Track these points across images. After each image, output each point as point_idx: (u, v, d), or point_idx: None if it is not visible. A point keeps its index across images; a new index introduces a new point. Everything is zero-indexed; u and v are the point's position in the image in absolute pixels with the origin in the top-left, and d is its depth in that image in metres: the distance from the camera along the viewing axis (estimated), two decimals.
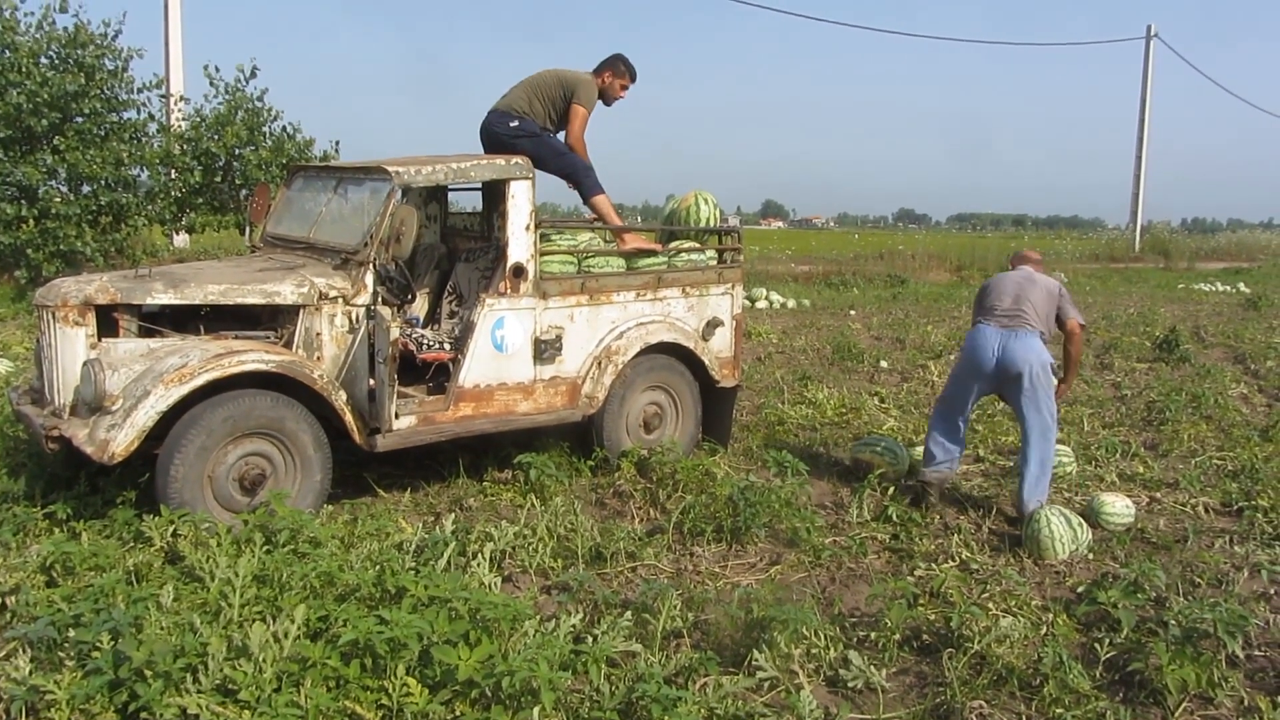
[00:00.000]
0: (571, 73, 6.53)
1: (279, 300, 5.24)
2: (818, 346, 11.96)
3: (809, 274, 21.71)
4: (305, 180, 6.47)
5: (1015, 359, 5.56)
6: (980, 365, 5.69)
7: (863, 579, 4.84)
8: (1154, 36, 33.31)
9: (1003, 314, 5.69)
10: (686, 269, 6.56)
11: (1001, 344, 5.61)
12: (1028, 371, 5.54)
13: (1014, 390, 5.65)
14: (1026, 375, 5.55)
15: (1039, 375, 5.56)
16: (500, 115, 6.36)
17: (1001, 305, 5.71)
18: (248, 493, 4.96)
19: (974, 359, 5.73)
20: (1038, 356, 5.56)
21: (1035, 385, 5.56)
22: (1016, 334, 5.60)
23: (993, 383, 5.76)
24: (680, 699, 3.23)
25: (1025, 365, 5.54)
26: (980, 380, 5.77)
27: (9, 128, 12.64)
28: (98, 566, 4.26)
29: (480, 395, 5.70)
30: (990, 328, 5.70)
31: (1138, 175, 33.89)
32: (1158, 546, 5.36)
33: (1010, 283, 5.81)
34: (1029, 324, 5.61)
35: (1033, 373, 5.54)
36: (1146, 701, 3.71)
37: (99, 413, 4.71)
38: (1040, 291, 5.72)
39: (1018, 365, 5.55)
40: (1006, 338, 5.61)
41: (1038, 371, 5.55)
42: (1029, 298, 5.68)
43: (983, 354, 5.67)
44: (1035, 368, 5.55)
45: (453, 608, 3.57)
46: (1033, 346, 5.57)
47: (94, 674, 3.17)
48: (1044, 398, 5.59)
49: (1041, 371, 5.57)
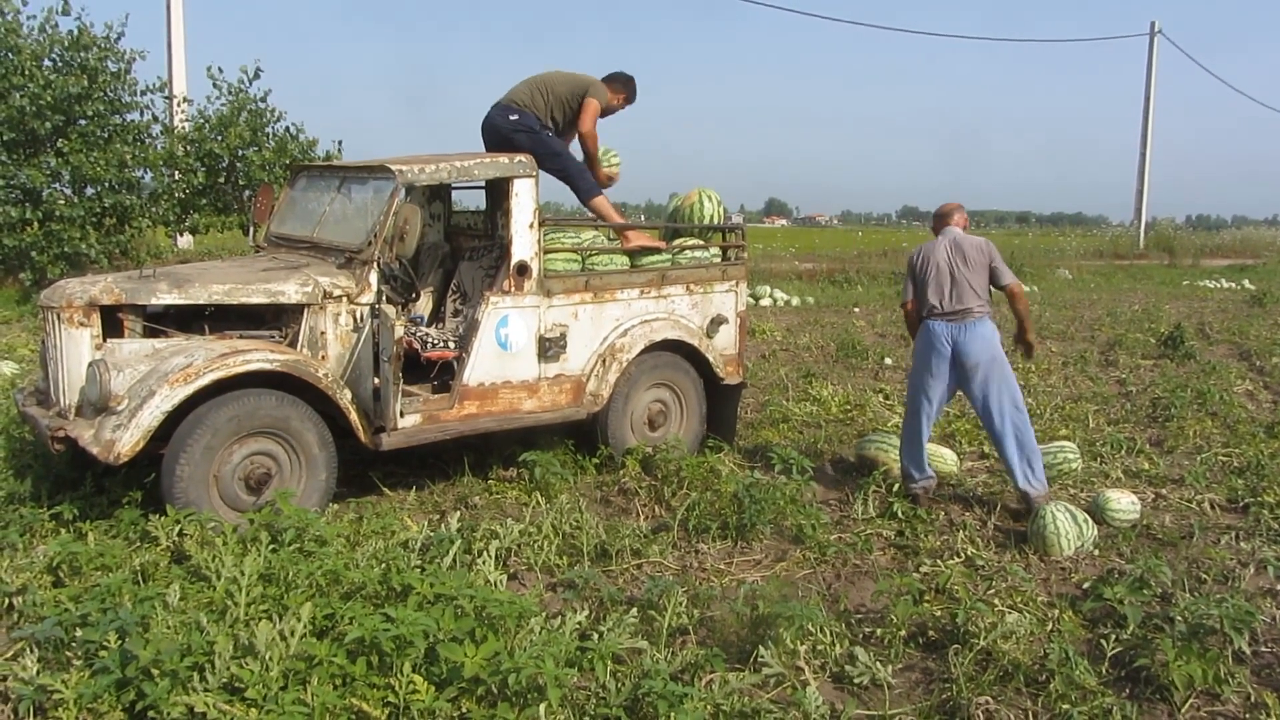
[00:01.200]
0: (583, 75, 6.55)
1: (283, 300, 5.25)
2: (822, 344, 11.96)
3: (813, 272, 21.69)
4: (309, 180, 6.48)
5: (969, 351, 5.55)
6: (936, 362, 5.65)
7: (868, 575, 4.84)
8: (1158, 33, 33.27)
9: (949, 309, 5.62)
10: (690, 267, 6.56)
11: (952, 339, 5.59)
12: (984, 360, 5.55)
13: (973, 381, 5.61)
14: (984, 364, 5.56)
15: (996, 360, 5.58)
16: (502, 109, 6.36)
17: (945, 297, 5.64)
18: (253, 492, 4.97)
19: (928, 357, 5.69)
20: (990, 342, 5.58)
21: (991, 372, 5.57)
22: (966, 326, 5.57)
23: (951, 380, 5.72)
24: (686, 696, 3.23)
25: (980, 355, 5.55)
26: (939, 380, 5.70)
27: (12, 130, 12.65)
28: (104, 566, 4.28)
29: (485, 393, 5.70)
30: (940, 323, 5.65)
31: (1142, 172, 33.86)
32: (1163, 543, 5.36)
33: (943, 264, 5.66)
34: (975, 312, 5.58)
35: (989, 360, 5.56)
36: (1153, 698, 3.71)
37: (104, 413, 4.72)
38: (972, 262, 5.63)
39: (973, 357, 5.55)
40: (957, 331, 5.59)
41: (994, 356, 5.58)
42: (966, 277, 5.59)
43: (937, 351, 5.64)
44: (990, 355, 5.57)
45: (458, 605, 3.58)
46: (984, 334, 5.57)
47: (101, 673, 3.18)
48: (1008, 382, 5.60)
49: (997, 354, 5.60)
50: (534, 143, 6.21)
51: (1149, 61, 33.22)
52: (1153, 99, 33.27)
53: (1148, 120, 33.41)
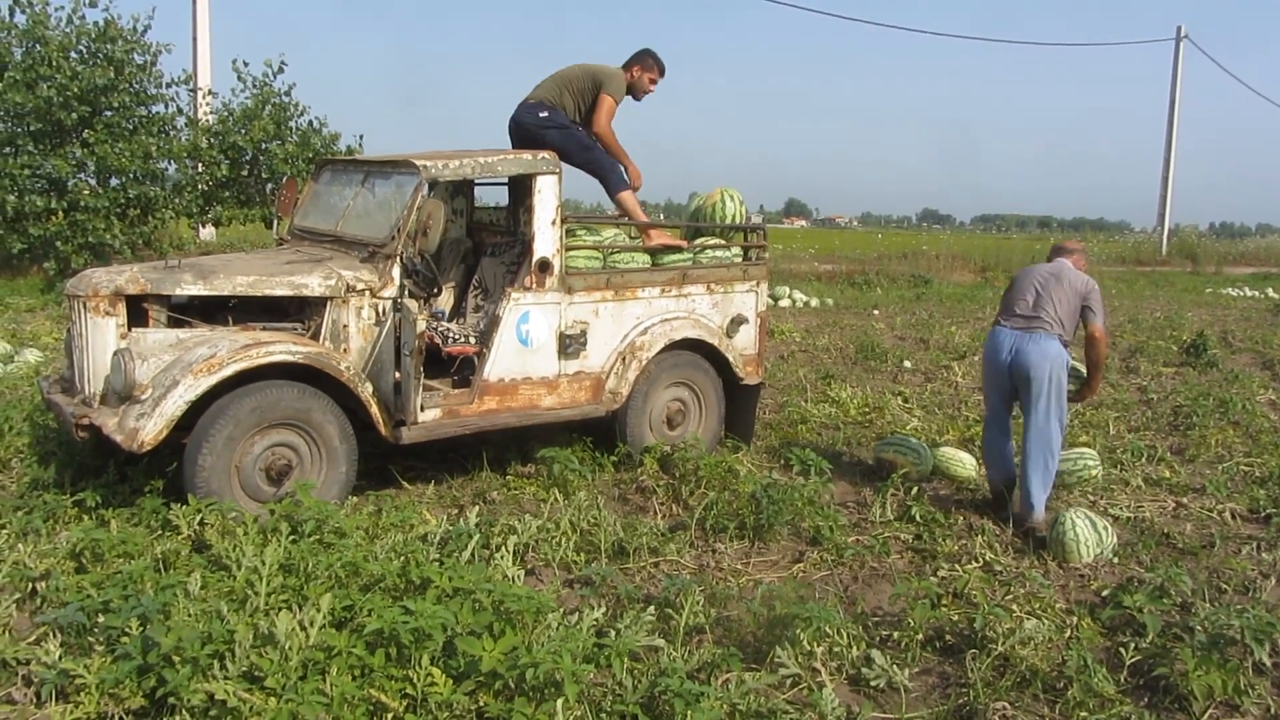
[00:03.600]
0: (601, 66, 6.54)
1: (306, 292, 5.28)
2: (841, 346, 11.93)
3: (832, 273, 21.63)
4: (333, 174, 6.51)
5: (1027, 362, 5.38)
6: (996, 369, 5.58)
7: (885, 578, 4.83)
8: (1184, 38, 33.01)
9: (1020, 315, 5.51)
10: (711, 266, 6.55)
11: (1015, 346, 5.45)
12: (1040, 376, 5.36)
13: (1025, 394, 5.47)
14: (1038, 380, 5.37)
15: (1053, 380, 5.38)
16: (530, 107, 6.37)
17: (1021, 305, 5.53)
18: (274, 483, 5.00)
19: (990, 363, 5.62)
20: (1052, 361, 5.36)
21: (1046, 391, 5.38)
22: (1031, 336, 5.40)
23: (1009, 387, 5.60)
24: (703, 694, 3.23)
25: (1037, 369, 5.36)
26: (1000, 385, 5.63)
27: (39, 121, 12.77)
28: (126, 554, 4.31)
29: (505, 389, 5.72)
30: (1005, 330, 5.54)
31: (1165, 178, 33.61)
32: (1184, 552, 5.32)
33: (1035, 279, 5.57)
34: (1045, 326, 5.39)
35: (1046, 377, 5.37)
36: (1172, 707, 3.68)
37: (128, 402, 4.76)
38: (1066, 289, 5.45)
39: (1029, 369, 5.37)
40: (1020, 340, 5.43)
41: (1053, 375, 5.37)
42: (1052, 296, 5.43)
43: (997, 357, 5.54)
44: (1048, 372, 5.36)
45: (476, 599, 3.59)
46: (1047, 351, 5.36)
47: (123, 659, 3.21)
48: (1054, 404, 5.41)
49: (1057, 375, 5.38)
50: (564, 138, 6.23)
51: (1174, 66, 32.97)
52: (1178, 104, 33.04)
53: (1172, 125, 33.18)
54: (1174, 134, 33.22)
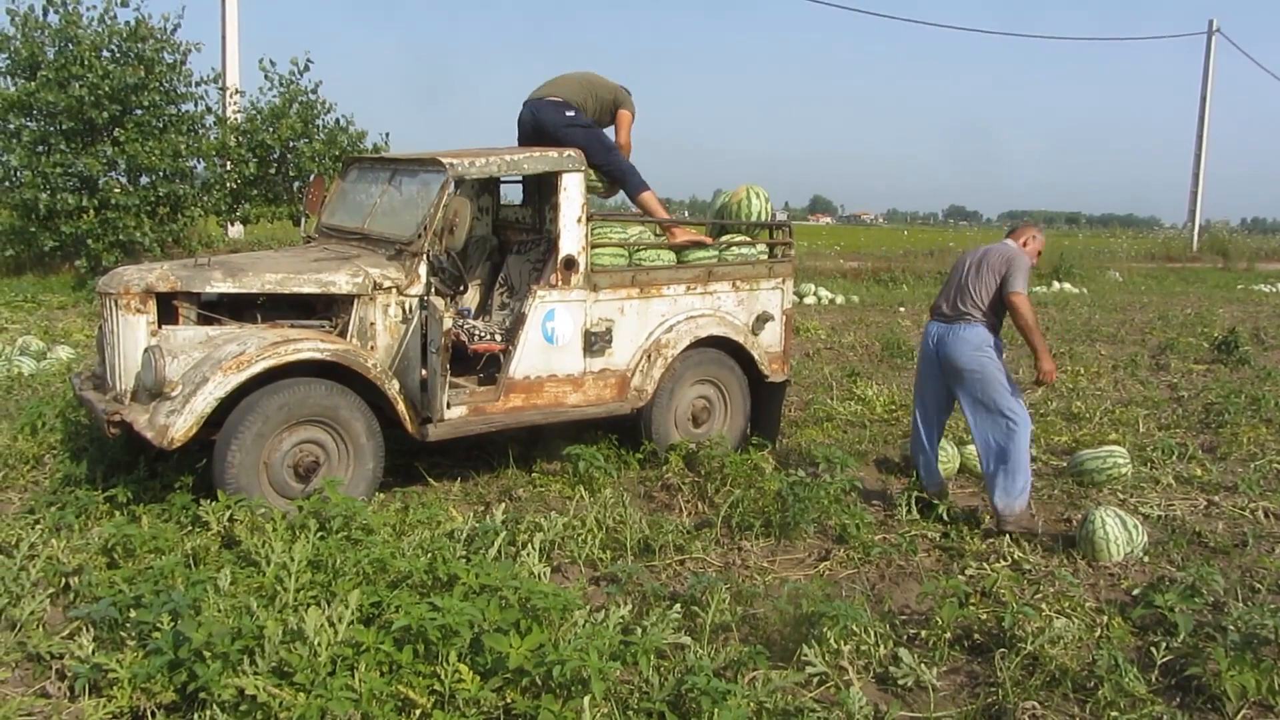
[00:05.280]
0: (614, 83, 6.69)
1: (334, 290, 5.31)
2: (867, 343, 11.88)
3: (858, 270, 21.54)
4: (360, 172, 6.54)
5: (951, 354, 5.40)
6: (928, 364, 5.61)
7: (913, 577, 4.80)
8: (1216, 31, 32.60)
9: (945, 308, 5.52)
10: (737, 263, 6.54)
11: (939, 339, 5.49)
12: (966, 366, 5.35)
13: (959, 389, 5.46)
14: (966, 370, 5.36)
15: (980, 366, 5.33)
16: (556, 105, 6.36)
17: (945, 298, 5.53)
18: (302, 479, 5.03)
19: (921, 359, 5.68)
20: (976, 348, 5.32)
21: (975, 379, 5.34)
22: (953, 328, 5.42)
23: (942, 384, 5.59)
24: (730, 692, 3.23)
25: (962, 359, 5.35)
26: (932, 381, 5.64)
27: (71, 119, 12.92)
28: (157, 549, 4.36)
29: (530, 387, 5.73)
30: (932, 324, 5.59)
31: (1196, 173, 33.24)
32: (1216, 551, 5.26)
33: (960, 268, 5.53)
34: (967, 316, 5.36)
35: (972, 365, 5.33)
36: (1204, 708, 3.64)
37: (159, 398, 4.81)
38: (986, 272, 5.38)
39: (954, 360, 5.38)
40: (944, 332, 5.46)
41: (978, 362, 5.32)
42: (973, 284, 5.38)
43: (925, 352, 5.62)
44: (973, 359, 5.33)
45: (503, 596, 3.60)
46: (970, 339, 5.34)
47: (154, 654, 3.24)
48: (991, 390, 5.32)
49: (983, 361, 5.32)
50: (589, 138, 6.24)
51: (1206, 61, 32.60)
52: (1209, 98, 32.66)
53: (1203, 120, 32.80)
54: (1205, 128, 32.85)
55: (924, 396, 5.79)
